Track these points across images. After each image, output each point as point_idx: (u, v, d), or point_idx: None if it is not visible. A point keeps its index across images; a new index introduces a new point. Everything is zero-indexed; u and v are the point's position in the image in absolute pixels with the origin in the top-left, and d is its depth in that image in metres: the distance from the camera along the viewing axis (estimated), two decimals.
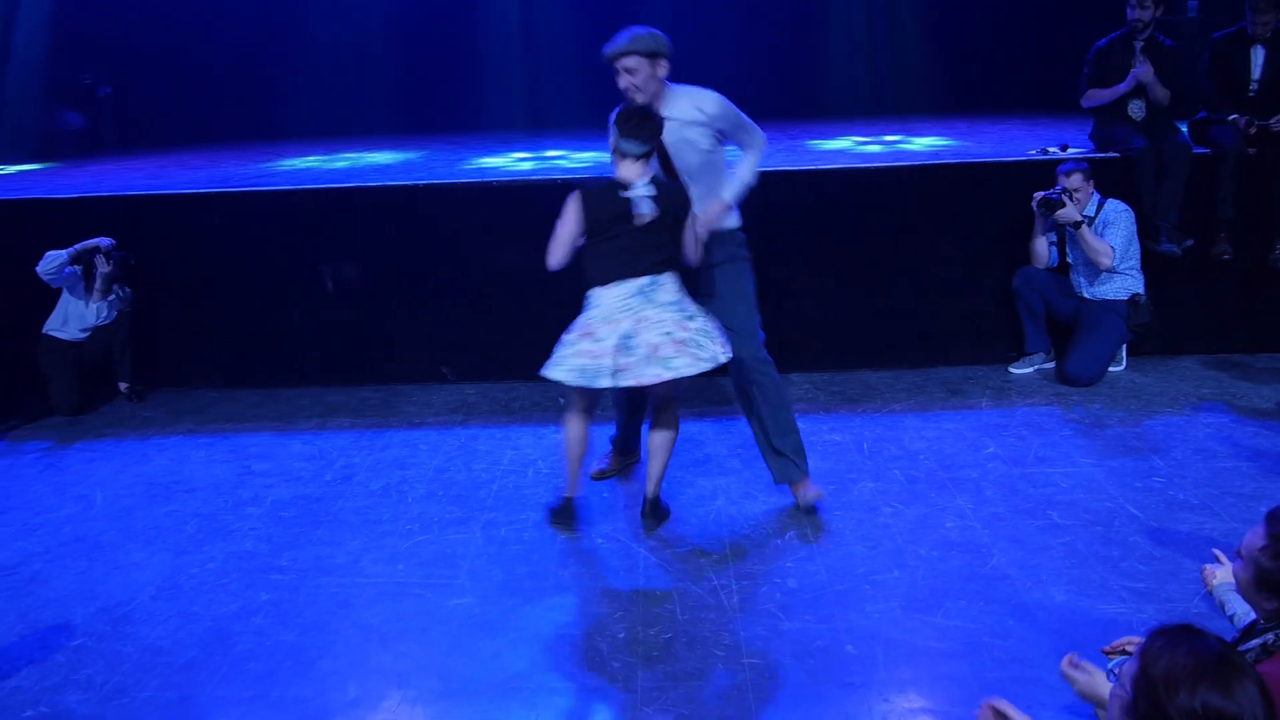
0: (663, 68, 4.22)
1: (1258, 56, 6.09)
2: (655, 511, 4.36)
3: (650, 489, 4.36)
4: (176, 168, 8.11)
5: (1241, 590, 2.34)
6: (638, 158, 4.05)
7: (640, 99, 4.19)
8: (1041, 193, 5.84)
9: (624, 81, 4.21)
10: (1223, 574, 2.78)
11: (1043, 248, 6.04)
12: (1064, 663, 2.43)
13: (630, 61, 4.16)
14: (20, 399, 6.19)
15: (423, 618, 3.72)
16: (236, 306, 6.46)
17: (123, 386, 6.32)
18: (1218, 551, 2.88)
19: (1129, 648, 2.54)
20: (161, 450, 5.53)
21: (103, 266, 6.06)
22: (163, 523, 4.63)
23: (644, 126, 4.04)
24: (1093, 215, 5.88)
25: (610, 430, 5.05)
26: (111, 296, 6.19)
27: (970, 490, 4.61)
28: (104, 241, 6.07)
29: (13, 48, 10.22)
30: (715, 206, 4.27)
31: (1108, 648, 2.60)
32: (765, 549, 4.15)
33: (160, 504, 4.83)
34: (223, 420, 5.97)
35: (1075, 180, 5.86)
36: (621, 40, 4.18)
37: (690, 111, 4.26)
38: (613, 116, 4.22)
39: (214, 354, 6.55)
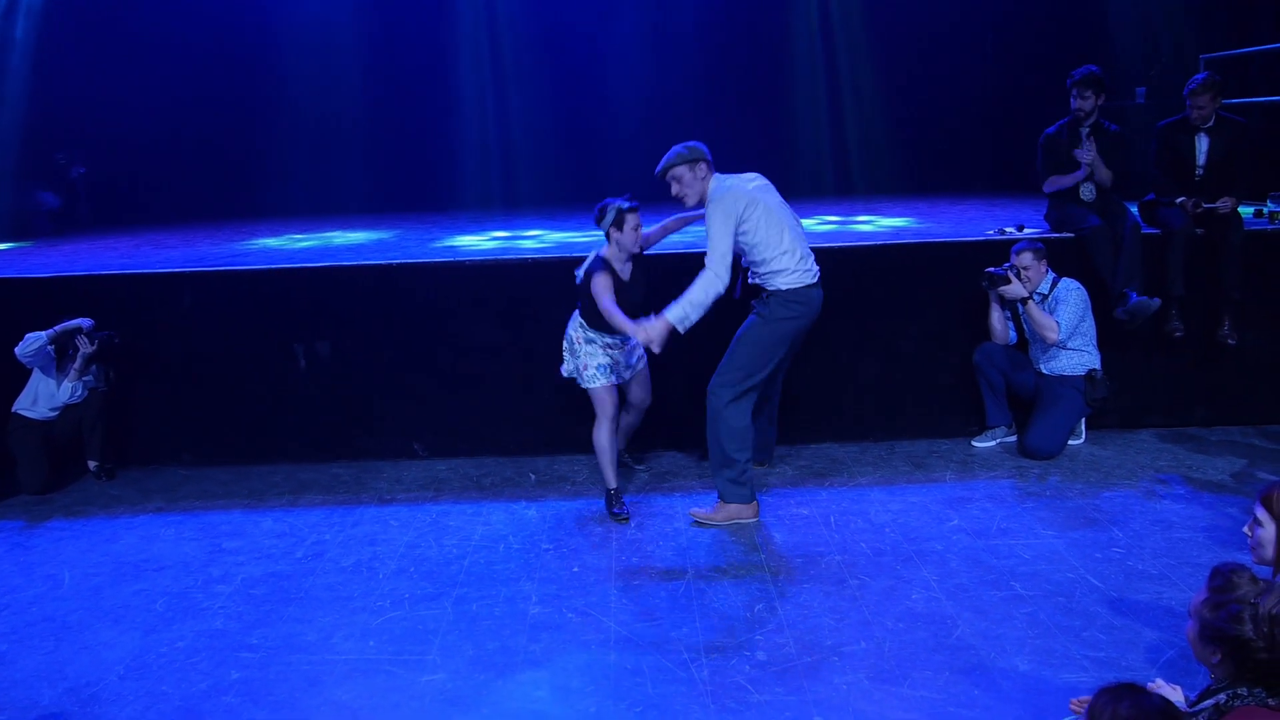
0: (700, 170, 5.07)
1: (1201, 144, 6.36)
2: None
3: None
4: (150, 247, 8.18)
5: (1192, 648, 2.43)
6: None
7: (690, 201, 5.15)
8: (990, 268, 6.02)
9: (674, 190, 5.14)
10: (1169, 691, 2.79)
11: (1000, 324, 6.20)
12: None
13: (675, 172, 5.08)
14: None
15: (394, 695, 3.73)
16: (207, 384, 6.49)
17: (92, 465, 6.31)
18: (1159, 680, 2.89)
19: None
20: (130, 529, 5.52)
21: (85, 347, 6.07)
22: (131, 601, 4.61)
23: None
24: (1046, 293, 6.06)
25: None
26: (87, 376, 6.20)
27: (935, 562, 4.69)
28: (85, 322, 6.11)
29: None
30: (656, 327, 4.89)
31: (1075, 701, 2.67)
32: (735, 622, 4.19)
33: (129, 583, 4.82)
34: (193, 498, 5.97)
35: (1026, 259, 6.04)
36: (666, 158, 5.08)
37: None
38: None
39: (184, 432, 6.56)
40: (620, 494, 5.43)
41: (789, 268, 5.09)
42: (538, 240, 7.66)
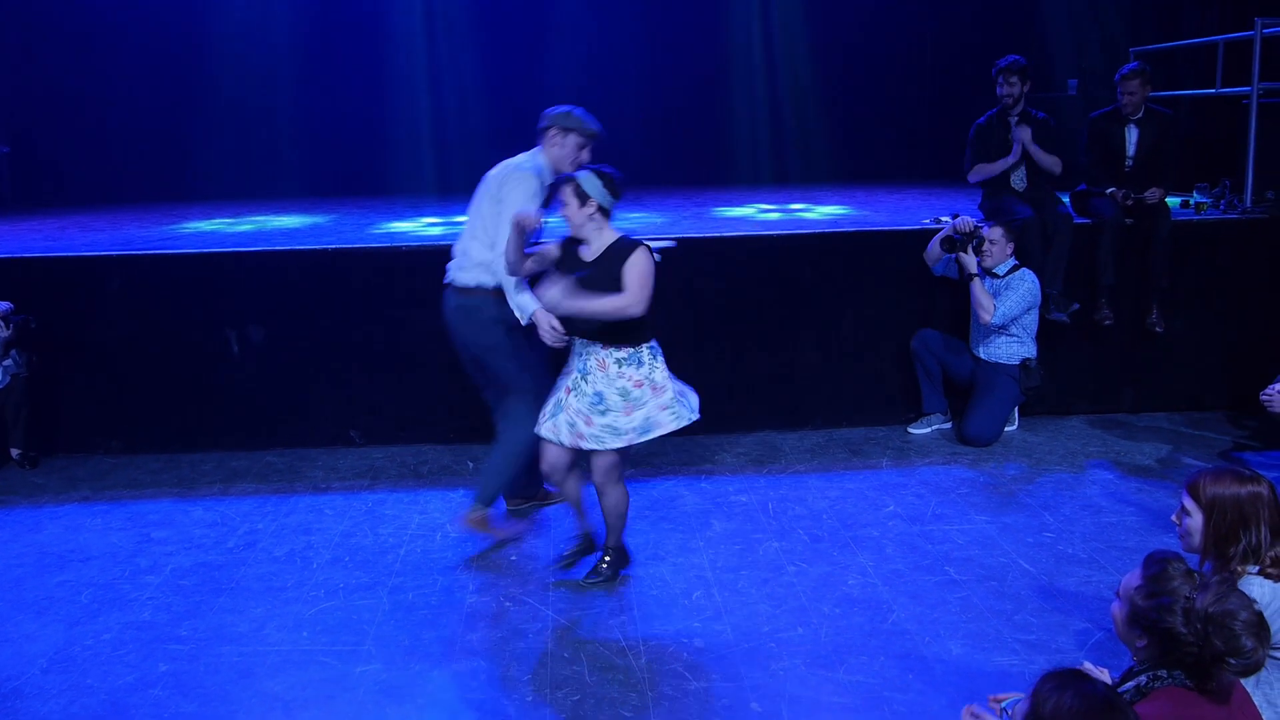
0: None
1: (1132, 134, 6.50)
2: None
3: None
4: (76, 229, 7.96)
5: (1117, 628, 2.47)
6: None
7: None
8: (953, 234, 6.02)
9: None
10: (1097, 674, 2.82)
11: (935, 249, 6.15)
12: (964, 713, 2.50)
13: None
14: None
15: (328, 686, 3.68)
16: (137, 370, 6.33)
17: (15, 453, 6.13)
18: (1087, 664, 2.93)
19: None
20: (55, 518, 5.37)
21: (1, 331, 5.89)
22: (56, 593, 4.49)
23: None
24: (1001, 275, 6.12)
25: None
26: (7, 361, 6.02)
27: (871, 548, 4.73)
28: (2, 305, 5.93)
29: None
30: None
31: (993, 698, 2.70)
32: (673, 609, 4.20)
33: (53, 573, 4.69)
34: (121, 487, 5.83)
35: (996, 233, 6.07)
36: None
37: None
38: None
39: (113, 419, 6.39)
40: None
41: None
42: None
